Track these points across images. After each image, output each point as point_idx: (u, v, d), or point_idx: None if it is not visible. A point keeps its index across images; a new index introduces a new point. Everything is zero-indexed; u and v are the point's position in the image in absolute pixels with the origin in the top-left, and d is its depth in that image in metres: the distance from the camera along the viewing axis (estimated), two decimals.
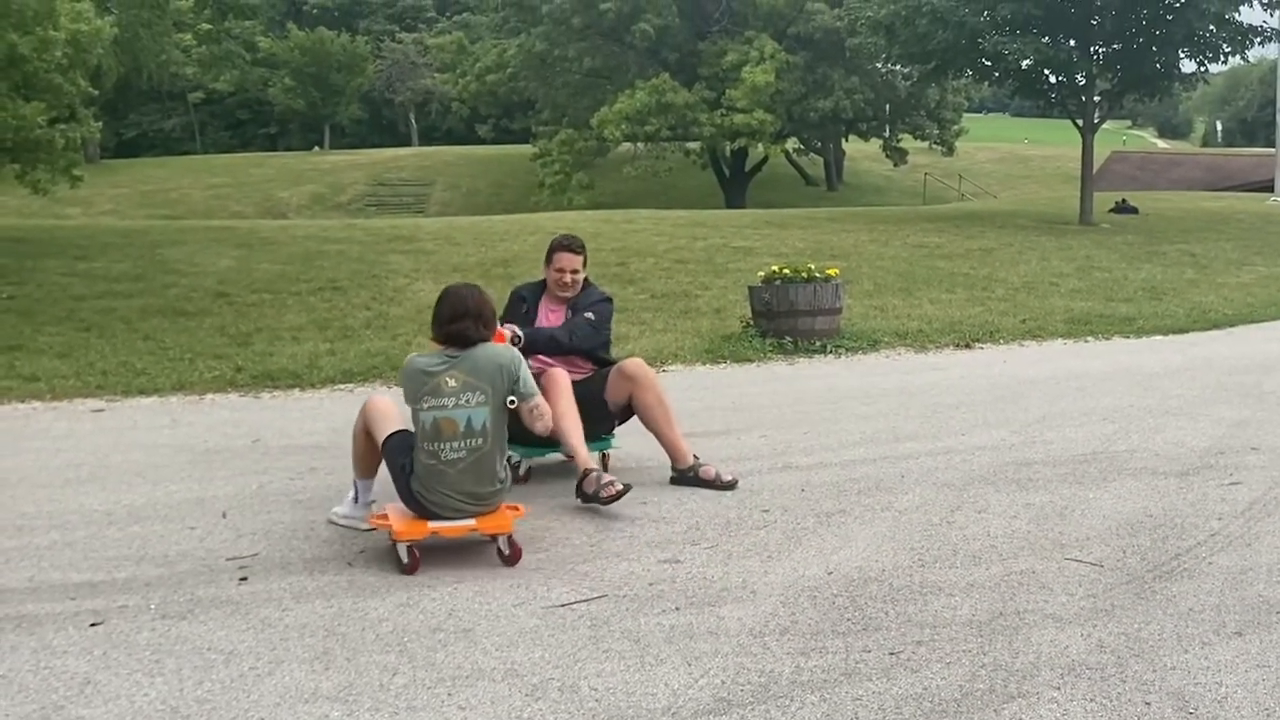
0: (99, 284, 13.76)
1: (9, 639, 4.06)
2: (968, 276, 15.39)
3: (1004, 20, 22.88)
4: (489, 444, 4.91)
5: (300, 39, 64.39)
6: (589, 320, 6.35)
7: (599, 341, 6.41)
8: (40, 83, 26.88)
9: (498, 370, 4.96)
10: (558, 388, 5.90)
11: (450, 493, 4.88)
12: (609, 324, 6.50)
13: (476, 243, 17.96)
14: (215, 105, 72.16)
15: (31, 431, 7.71)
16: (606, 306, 6.50)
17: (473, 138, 63.17)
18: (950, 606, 4.28)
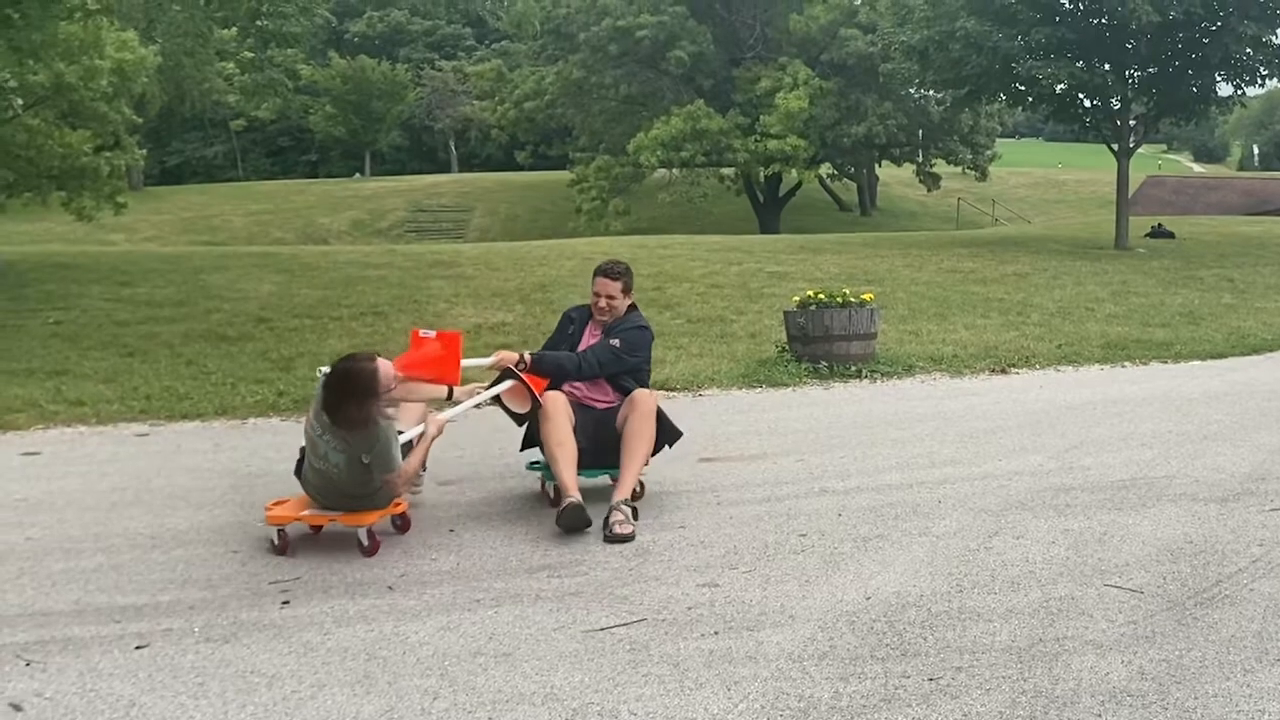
0: (143, 309, 13.87)
1: (56, 661, 4.08)
2: (1002, 301, 15.31)
3: (1038, 45, 22.82)
4: (343, 475, 5.38)
5: (341, 67, 64.90)
6: (612, 347, 6.28)
7: (619, 369, 6.28)
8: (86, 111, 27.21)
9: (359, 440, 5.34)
10: (551, 412, 5.93)
11: (314, 492, 5.51)
12: (638, 352, 6.37)
13: (515, 268, 18.02)
14: (257, 133, 72.73)
15: (77, 455, 7.76)
16: (636, 334, 6.39)
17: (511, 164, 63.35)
18: (989, 632, 4.24)
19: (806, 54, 44.73)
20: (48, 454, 7.72)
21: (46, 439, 8.36)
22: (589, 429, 6.10)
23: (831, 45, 43.59)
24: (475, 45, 75.83)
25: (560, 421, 5.92)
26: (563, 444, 5.84)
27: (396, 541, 5.52)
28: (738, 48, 47.59)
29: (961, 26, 22.74)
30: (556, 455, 5.82)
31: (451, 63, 71.96)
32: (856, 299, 10.99)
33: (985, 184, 51.81)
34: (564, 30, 47.29)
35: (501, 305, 14.58)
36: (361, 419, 5.31)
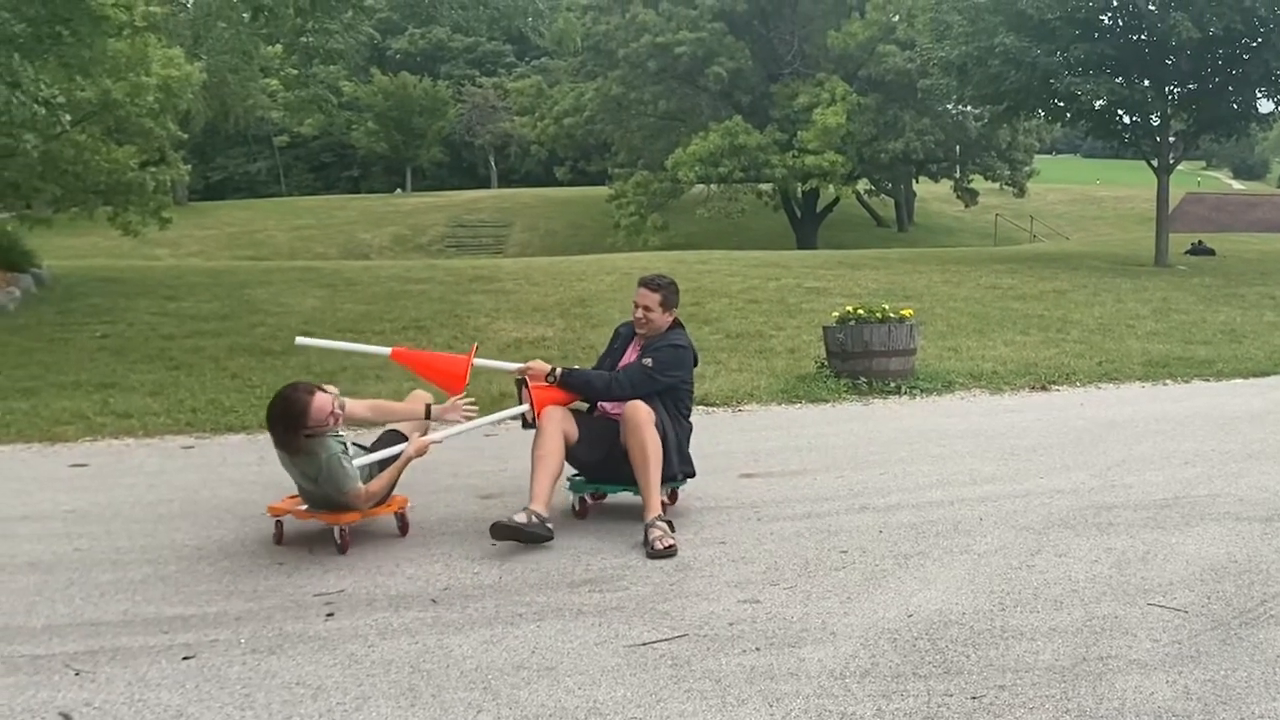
0: (188, 323, 13.99)
1: (105, 671, 4.11)
2: (1042, 318, 15.20)
3: (1077, 61, 22.69)
4: (312, 490, 5.70)
5: (384, 84, 65.25)
6: (644, 367, 6.20)
7: (651, 389, 6.15)
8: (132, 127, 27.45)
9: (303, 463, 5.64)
10: (543, 424, 5.99)
11: (304, 497, 5.82)
12: (671, 371, 6.20)
13: (554, 282, 18.06)
14: (300, 148, 73.18)
15: (125, 467, 7.83)
16: (669, 353, 6.25)
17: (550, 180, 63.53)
18: (1032, 651, 4.21)
19: (844, 70, 44.69)
20: (96, 466, 7.80)
21: (94, 451, 8.45)
22: (606, 443, 6.08)
23: (869, 61, 43.52)
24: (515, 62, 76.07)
25: (550, 433, 5.94)
26: (544, 457, 5.87)
27: (439, 554, 5.54)
28: (776, 64, 47.59)
29: (1000, 42, 22.64)
30: (536, 466, 5.87)
31: (492, 79, 72.22)
32: (896, 315, 10.94)
33: (1023, 200, 51.52)
34: (603, 47, 47.44)
35: (541, 320, 14.61)
36: (294, 445, 5.56)
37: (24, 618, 4.71)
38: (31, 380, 10.73)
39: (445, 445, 7.90)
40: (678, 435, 6.20)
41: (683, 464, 6.23)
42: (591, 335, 12.98)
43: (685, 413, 6.34)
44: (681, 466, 6.22)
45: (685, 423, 6.34)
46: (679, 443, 6.20)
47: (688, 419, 6.37)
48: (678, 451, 6.17)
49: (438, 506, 6.16)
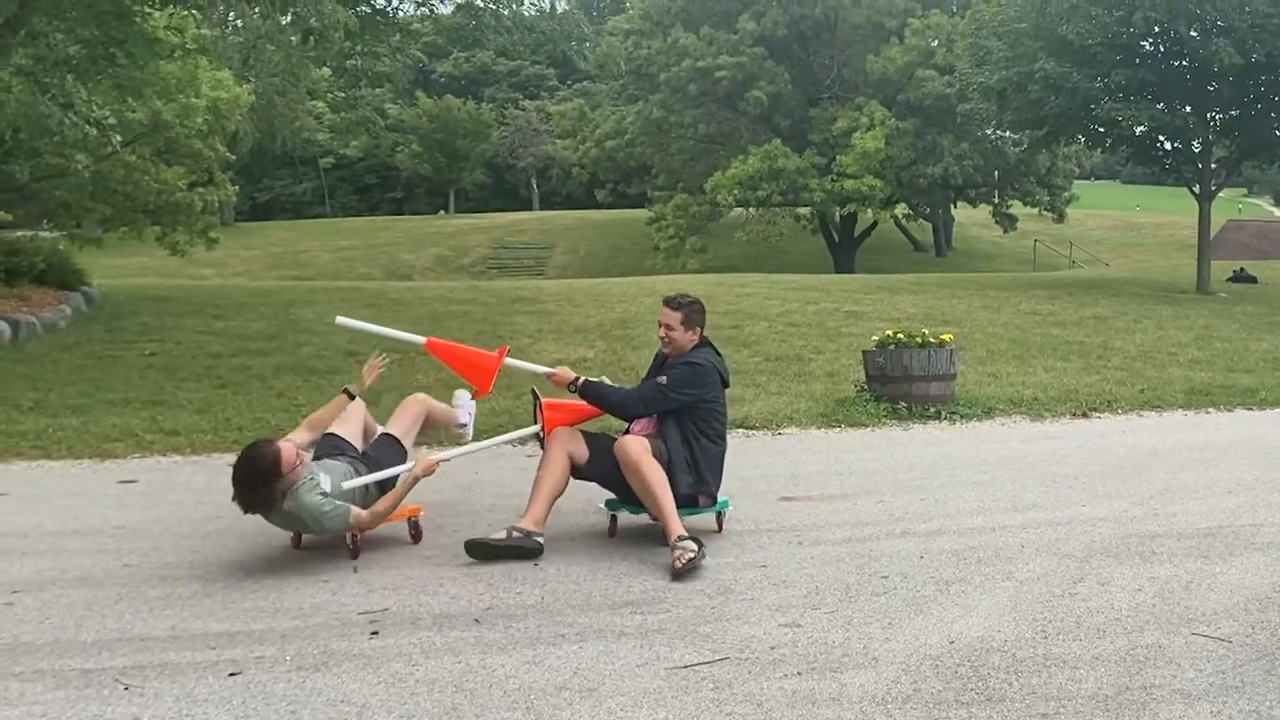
0: (235, 342, 14.09)
1: (153, 686, 4.14)
2: (1083, 345, 15.09)
3: (1118, 86, 22.57)
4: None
5: (428, 106, 65.69)
6: (658, 385, 6.22)
7: (666, 408, 6.16)
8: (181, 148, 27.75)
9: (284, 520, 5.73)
10: (549, 443, 6.12)
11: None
12: (687, 389, 6.16)
13: (595, 304, 18.09)
14: (345, 170, 73.71)
15: (173, 484, 7.89)
16: (683, 371, 6.23)
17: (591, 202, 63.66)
18: (1075, 680, 4.17)
19: (883, 94, 44.63)
20: (144, 482, 7.86)
21: (143, 467, 8.52)
22: (615, 463, 6.06)
23: (908, 86, 43.44)
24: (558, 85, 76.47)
25: (553, 453, 6.02)
26: (543, 478, 5.99)
27: (482, 574, 5.55)
28: (815, 88, 47.59)
29: (1040, 67, 22.56)
30: (535, 484, 5.99)
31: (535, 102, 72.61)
32: (936, 339, 10.89)
33: (1062, 226, 51.19)
34: (645, 71, 47.62)
35: (583, 341, 14.63)
36: (272, 502, 5.59)
37: (74, 632, 4.75)
38: (82, 397, 10.83)
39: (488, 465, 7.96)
40: (692, 455, 6.13)
41: (698, 484, 6.14)
42: (632, 357, 12.99)
43: (711, 433, 6.24)
44: (697, 487, 6.14)
45: (710, 443, 6.23)
46: (692, 463, 6.13)
47: (715, 440, 6.27)
48: (692, 472, 6.11)
49: (480, 526, 6.17)
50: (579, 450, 6.11)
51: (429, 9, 21.52)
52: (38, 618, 4.94)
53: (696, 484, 6.13)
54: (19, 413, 10.17)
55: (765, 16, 45.29)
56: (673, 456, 6.06)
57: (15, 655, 4.47)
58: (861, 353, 11.50)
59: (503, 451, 9.14)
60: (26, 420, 9.85)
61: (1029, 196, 47.41)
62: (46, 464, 8.63)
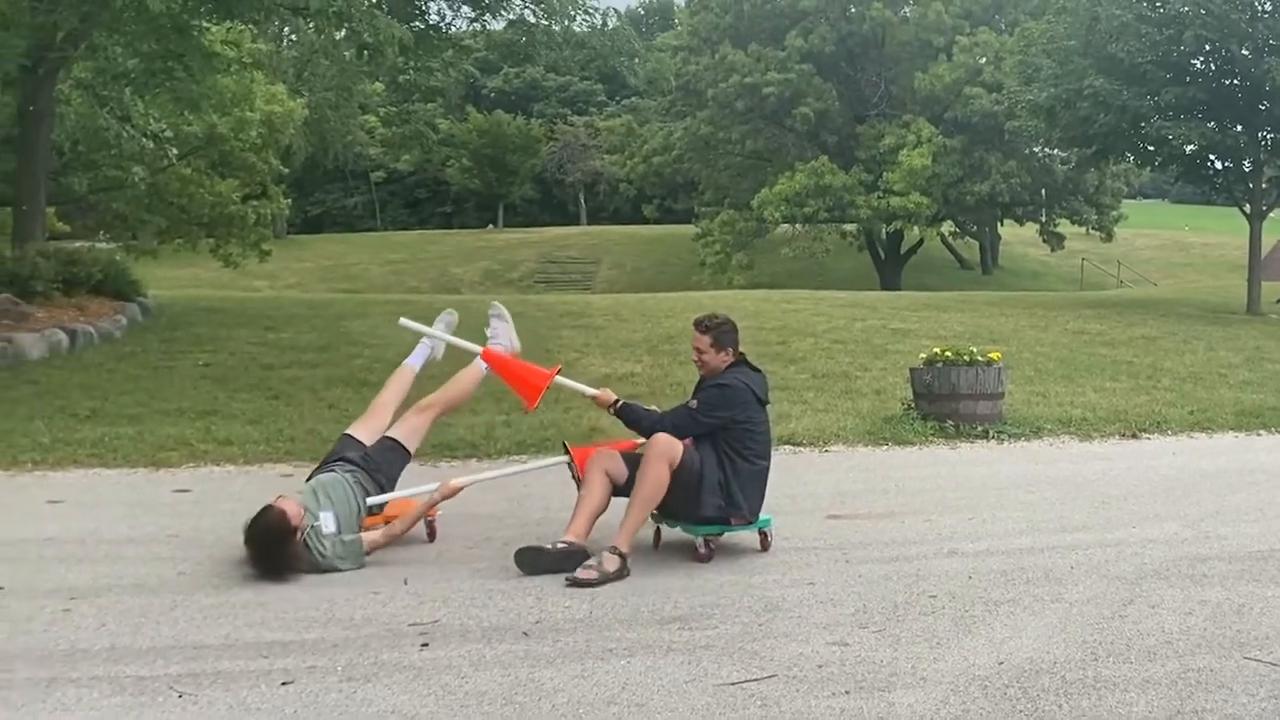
0: (287, 354, 14.19)
1: (206, 694, 4.17)
2: (1131, 365, 14.92)
3: (1168, 104, 22.36)
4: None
5: (478, 121, 66.09)
6: (689, 409, 6.22)
7: (696, 431, 6.13)
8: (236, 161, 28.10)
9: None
10: (588, 464, 6.17)
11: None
12: (717, 412, 6.13)
13: (642, 319, 18.10)
14: (396, 184, 74.23)
15: (226, 494, 7.94)
16: (713, 394, 6.21)
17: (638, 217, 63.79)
18: (1125, 703, 4.12)
19: (930, 112, 44.51)
20: (198, 491, 7.93)
21: (196, 477, 8.59)
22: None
23: (956, 103, 43.30)
24: (606, 101, 76.73)
25: (591, 473, 6.08)
26: (583, 497, 6.06)
27: (530, 587, 5.56)
28: (862, 105, 47.55)
29: (1090, 85, 22.39)
30: (577, 503, 6.08)
31: (583, 118, 72.89)
32: (984, 358, 10.81)
33: (1110, 245, 50.79)
34: (693, 87, 47.77)
35: (630, 356, 14.63)
36: (293, 560, 5.76)
37: (130, 638, 4.80)
38: (138, 406, 10.94)
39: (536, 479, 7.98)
40: (725, 478, 6.09)
41: (729, 507, 6.10)
42: (679, 372, 12.96)
43: (748, 453, 6.18)
44: (727, 510, 6.11)
45: (747, 463, 6.17)
46: (724, 485, 6.08)
47: (753, 459, 6.21)
48: (724, 494, 6.07)
49: (528, 539, 6.17)
50: (618, 470, 6.12)
51: (481, 25, 21.68)
52: (94, 624, 4.99)
53: (727, 507, 6.09)
54: (76, 421, 10.28)
55: (813, 33, 45.30)
56: (705, 476, 6.04)
57: (73, 661, 4.52)
58: (909, 370, 11.43)
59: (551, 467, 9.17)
60: (83, 429, 9.95)
61: (1077, 215, 47.12)
62: (103, 472, 8.71)
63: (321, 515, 5.98)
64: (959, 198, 43.77)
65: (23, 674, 4.37)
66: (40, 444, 9.29)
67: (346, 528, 6.04)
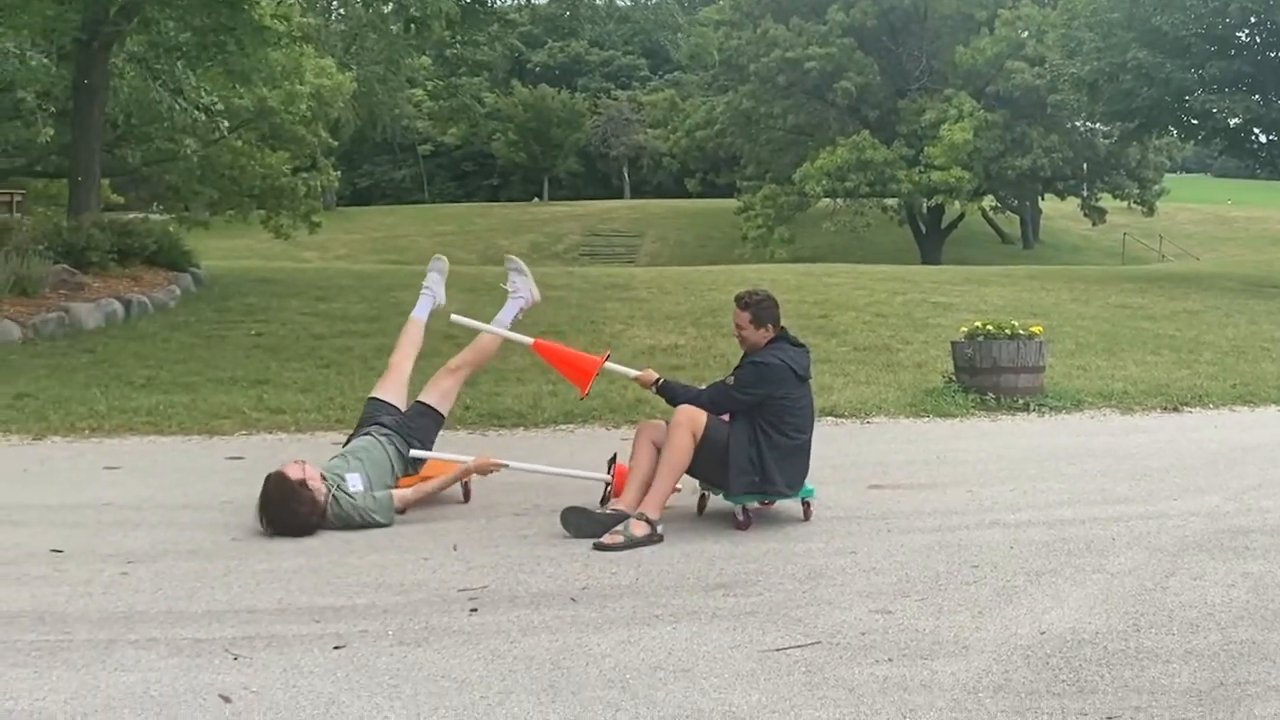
0: (338, 324, 14.26)
1: (261, 657, 4.20)
2: (1173, 338, 14.75)
3: (1213, 77, 22.05)
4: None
5: (524, 95, 66.10)
6: (725, 385, 6.23)
7: (731, 408, 6.13)
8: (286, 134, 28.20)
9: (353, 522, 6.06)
10: (636, 437, 6.30)
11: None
12: (751, 390, 6.11)
13: (686, 292, 18.06)
14: (443, 157, 74.29)
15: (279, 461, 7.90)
16: (748, 371, 6.20)
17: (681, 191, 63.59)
18: (1168, 674, 4.09)
19: (972, 86, 44.06)
20: (251, 459, 7.98)
21: (250, 445, 8.66)
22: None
23: (997, 77, 42.86)
24: (649, 75, 76.42)
25: (640, 445, 6.17)
26: (633, 468, 6.14)
27: (578, 554, 5.58)
28: (904, 79, 47.16)
29: (1133, 58, 22.09)
30: (628, 473, 6.16)
31: (627, 92, 72.69)
32: (1025, 331, 10.72)
33: (1151, 219, 50.12)
34: (735, 62, 47.52)
35: (674, 328, 14.61)
36: (306, 514, 5.91)
37: (186, 602, 4.85)
38: (191, 375, 11.03)
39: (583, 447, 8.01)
40: (759, 454, 6.06)
41: (763, 484, 6.09)
42: (722, 344, 12.92)
43: (787, 428, 6.14)
44: (761, 486, 6.10)
45: (786, 438, 6.13)
46: (757, 462, 6.06)
47: (792, 434, 6.16)
48: (756, 471, 6.05)
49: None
50: (663, 439, 6.12)
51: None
52: (151, 587, 5.05)
53: (761, 483, 6.08)
54: (132, 389, 10.39)
55: (855, 7, 44.96)
56: (734, 453, 6.03)
57: (130, 623, 4.57)
58: (950, 344, 11.35)
59: (599, 435, 9.20)
60: (139, 397, 10.05)
61: (1118, 189, 46.60)
62: (158, 439, 8.80)
63: (348, 477, 6.14)
64: (1000, 172, 43.36)
65: (82, 635, 4.42)
66: (97, 411, 9.40)
67: (378, 486, 6.20)
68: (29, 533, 5.98)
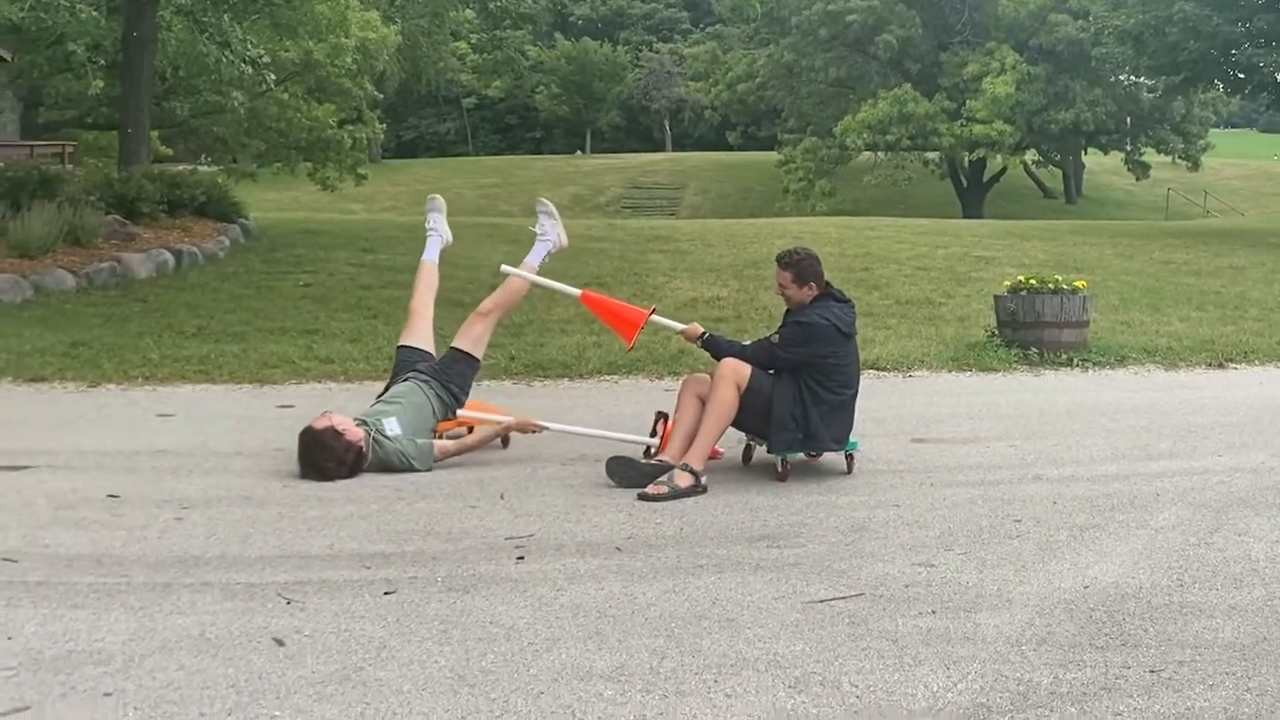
0: (384, 274, 14.31)
1: (313, 602, 4.24)
2: (1219, 295, 14.57)
3: (1260, 31, 21.64)
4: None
5: (566, 48, 65.79)
6: (770, 343, 6.20)
7: (774, 366, 6.12)
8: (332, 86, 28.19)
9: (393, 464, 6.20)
10: (680, 391, 6.31)
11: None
12: (794, 348, 6.08)
13: (728, 244, 18.00)
14: (487, 110, 74.12)
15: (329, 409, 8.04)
16: (793, 330, 6.17)
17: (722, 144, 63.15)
18: (1211, 628, 4.06)
19: (1015, 39, 43.45)
20: (301, 407, 8.03)
21: (300, 393, 8.73)
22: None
23: (1041, 30, 42.24)
24: (691, 28, 75.78)
25: (685, 398, 6.19)
26: (678, 420, 6.16)
27: (623, 504, 5.60)
28: (946, 32, 46.52)
29: (1179, 10, 21.68)
30: (673, 425, 6.21)
31: (668, 45, 72.16)
32: (1069, 286, 10.62)
33: (1195, 174, 49.34)
34: (776, 14, 46.96)
35: (716, 280, 14.57)
36: (341, 455, 6.03)
37: (239, 548, 4.89)
38: (241, 325, 11.12)
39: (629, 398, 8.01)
40: (804, 412, 6.03)
41: (807, 441, 6.08)
42: (764, 297, 12.88)
43: (832, 385, 6.10)
44: (805, 445, 6.10)
45: (831, 393, 6.10)
46: (801, 419, 6.03)
47: (839, 390, 6.13)
48: (800, 428, 6.03)
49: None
50: (708, 391, 6.11)
51: None
52: (205, 533, 5.10)
53: (805, 440, 6.08)
54: (183, 338, 10.48)
55: None
56: (777, 410, 6.02)
57: (185, 567, 4.62)
58: (993, 298, 11.26)
59: (642, 385, 9.21)
60: (190, 346, 10.14)
61: (1163, 144, 45.91)
62: (210, 388, 8.88)
63: (385, 422, 6.23)
64: (1043, 126, 42.81)
65: (139, 579, 4.48)
66: (150, 360, 9.50)
67: (417, 431, 6.28)
68: (86, 478, 6.05)
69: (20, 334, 10.39)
